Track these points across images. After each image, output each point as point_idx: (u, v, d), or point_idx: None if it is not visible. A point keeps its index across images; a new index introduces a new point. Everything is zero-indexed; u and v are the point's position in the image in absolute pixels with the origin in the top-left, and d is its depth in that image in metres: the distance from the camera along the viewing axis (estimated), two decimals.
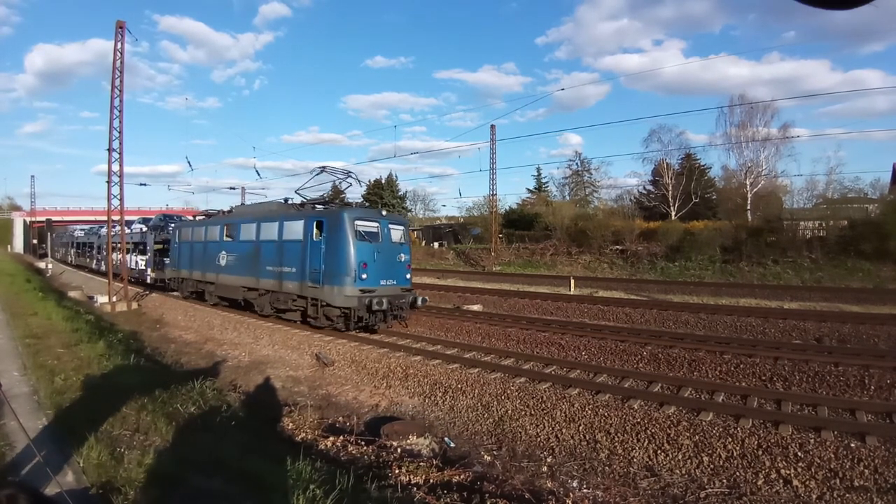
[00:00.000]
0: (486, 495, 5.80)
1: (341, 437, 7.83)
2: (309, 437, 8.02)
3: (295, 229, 15.78)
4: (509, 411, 9.21)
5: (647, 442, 7.81)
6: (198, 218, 24.76)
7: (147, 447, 5.60)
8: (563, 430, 8.45)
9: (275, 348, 14.48)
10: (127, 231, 28.41)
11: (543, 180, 63.89)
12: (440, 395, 10.24)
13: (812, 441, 7.56)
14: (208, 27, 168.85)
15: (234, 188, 43.75)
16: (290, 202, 18.46)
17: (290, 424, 8.60)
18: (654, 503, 6.40)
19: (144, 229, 30.62)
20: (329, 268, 14.38)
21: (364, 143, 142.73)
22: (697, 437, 7.74)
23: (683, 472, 7.12)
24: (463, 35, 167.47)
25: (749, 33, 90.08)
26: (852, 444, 7.38)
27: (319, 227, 14.98)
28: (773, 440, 7.62)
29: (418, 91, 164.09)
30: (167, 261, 25.31)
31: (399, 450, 7.57)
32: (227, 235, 19.34)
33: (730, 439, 7.68)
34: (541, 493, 6.30)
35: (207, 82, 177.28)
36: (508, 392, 9.80)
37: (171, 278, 24.35)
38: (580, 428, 8.41)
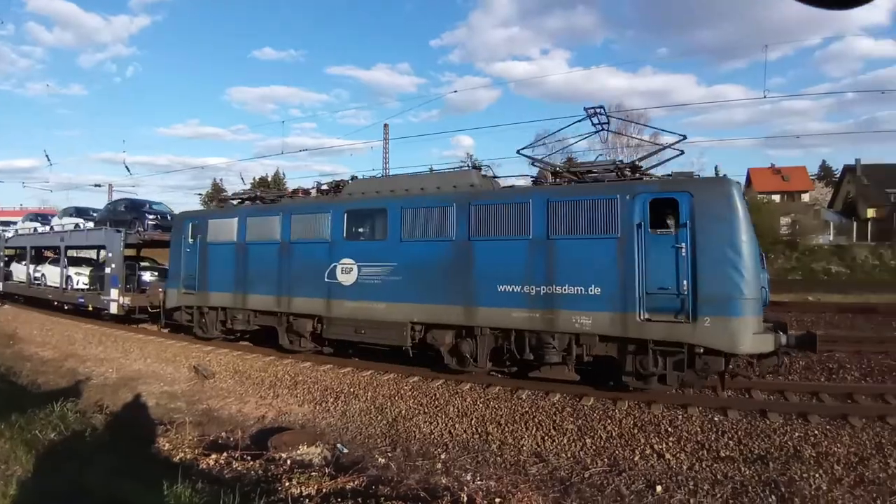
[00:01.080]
0: (382, 498, 5.71)
1: (225, 454, 7.35)
2: (188, 456, 7.45)
3: (604, 216, 8.87)
4: (403, 411, 9.17)
5: (535, 430, 8.12)
6: (211, 206, 18.44)
7: (9, 477, 4.95)
8: (457, 425, 8.55)
9: (147, 362, 13.36)
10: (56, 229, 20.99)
11: None
12: (332, 400, 9.97)
13: (680, 417, 8.23)
14: (78, 7, 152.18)
15: (99, 185, 39.09)
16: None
17: (167, 444, 7.96)
18: (544, 487, 6.63)
19: (91, 226, 19.82)
20: (709, 286, 8.08)
21: (249, 137, 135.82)
22: (581, 422, 8.17)
23: (569, 455, 7.46)
24: (358, 31, 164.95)
25: (627, 47, 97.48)
26: (716, 419, 8.12)
27: (672, 211, 8.56)
28: (646, 419, 8.21)
29: (309, 86, 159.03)
30: (154, 277, 18.03)
31: (289, 461, 7.24)
32: (359, 232, 11.56)
33: (609, 421, 8.18)
34: (436, 489, 6.31)
35: (73, 67, 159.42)
36: (402, 392, 9.76)
37: (182, 307, 14.35)
38: (472, 422, 8.55)
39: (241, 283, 12.83)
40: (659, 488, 6.38)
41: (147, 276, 18.15)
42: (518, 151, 11.17)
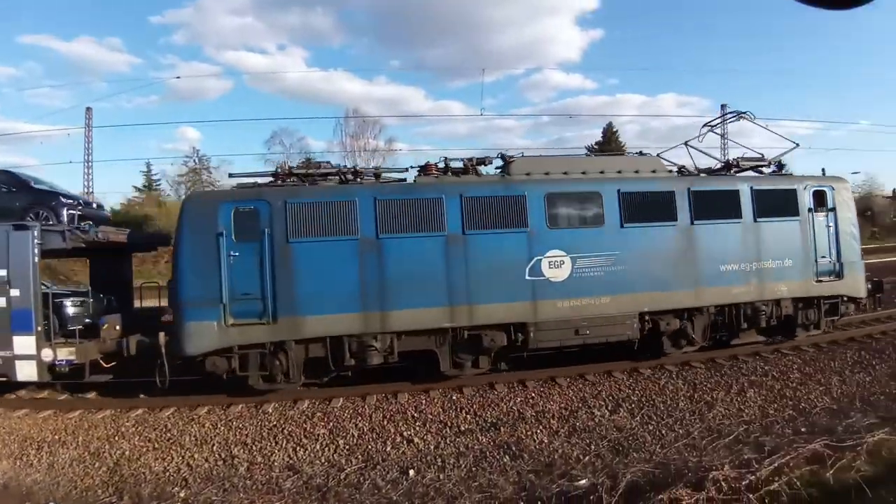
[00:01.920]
0: None
1: None
2: None
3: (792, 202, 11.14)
4: (127, 452, 7.84)
5: (285, 442, 7.76)
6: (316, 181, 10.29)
7: None
8: (196, 455, 7.66)
9: None
10: None
11: (155, 177, 57.04)
12: (34, 452, 8.03)
13: (424, 401, 8.77)
14: None
15: None
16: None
17: None
18: (301, 499, 6.37)
19: None
20: (846, 253, 11.44)
21: None
22: (332, 424, 8.11)
23: (323, 460, 7.31)
24: None
25: (363, 54, 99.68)
26: (454, 397, 8.83)
27: (824, 199, 11.48)
28: (394, 409, 8.55)
29: None
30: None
31: None
32: (566, 218, 9.84)
33: (360, 418, 8.29)
34: None
35: None
36: (123, 430, 8.36)
37: (249, 346, 8.86)
38: (214, 448, 7.77)
39: (374, 296, 9.06)
40: (412, 472, 6.67)
41: (70, 308, 10.32)
42: (687, 143, 12.41)
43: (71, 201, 11.05)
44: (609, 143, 48.88)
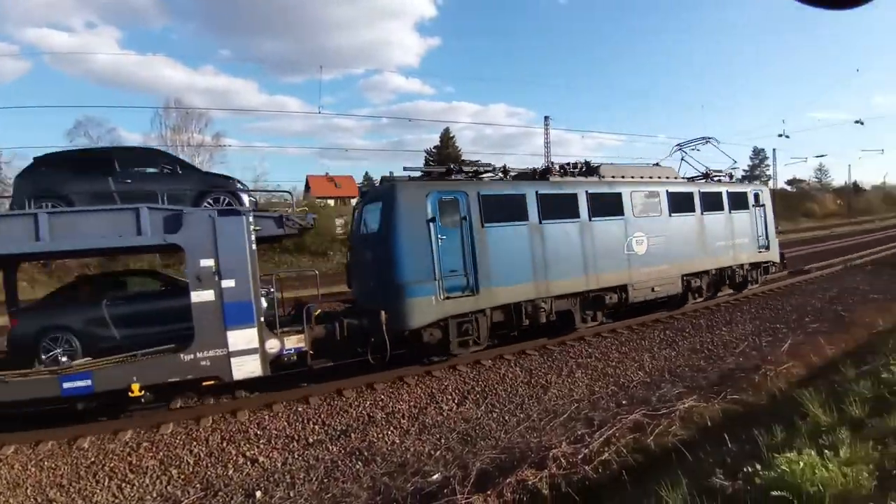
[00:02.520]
0: None
1: None
2: None
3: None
4: None
5: (108, 480, 6.79)
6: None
7: None
8: (12, 501, 6.43)
9: None
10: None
11: None
12: None
13: (267, 417, 8.28)
14: None
15: None
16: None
17: None
18: None
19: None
20: (769, 235, 17.09)
21: None
22: (162, 454, 7.29)
23: (155, 494, 6.51)
24: None
25: (188, 40, 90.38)
26: (300, 409, 8.46)
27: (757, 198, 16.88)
28: (234, 429, 7.96)
29: None
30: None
31: None
32: (644, 209, 13.47)
33: (195, 443, 7.58)
34: None
35: None
36: None
37: (455, 316, 10.14)
38: (29, 492, 6.58)
39: (541, 268, 11.32)
40: (258, 494, 6.23)
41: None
42: (683, 155, 17.55)
43: (244, 186, 10.67)
44: (446, 148, 50.58)
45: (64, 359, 8.73)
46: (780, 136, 33.12)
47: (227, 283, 8.14)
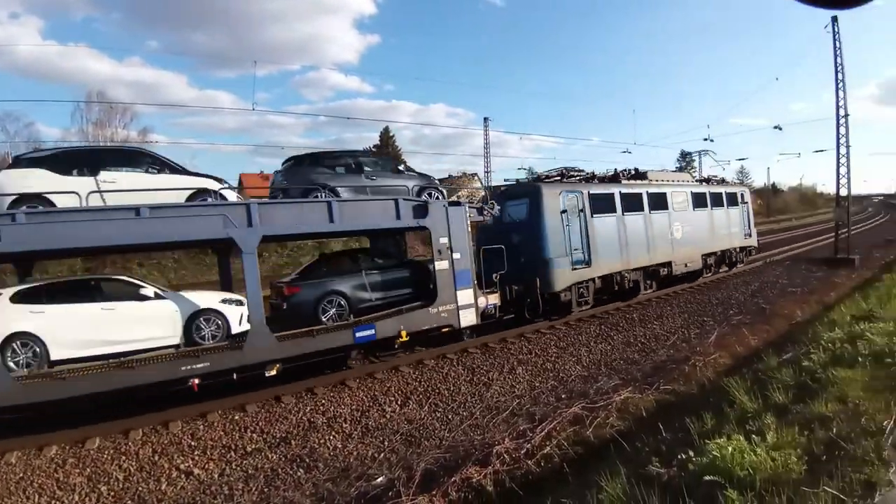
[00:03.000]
0: None
1: None
2: None
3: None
4: None
5: (36, 497, 6.35)
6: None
7: None
8: None
9: None
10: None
11: None
12: None
13: (202, 427, 7.96)
14: None
15: None
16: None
17: None
18: None
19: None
20: (750, 227, 22.43)
21: None
22: (90, 470, 6.89)
23: None
24: None
25: (113, 31, 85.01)
26: (237, 417, 8.18)
27: (743, 197, 22.13)
28: (166, 441, 7.60)
29: None
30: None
31: None
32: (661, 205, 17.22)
33: (124, 458, 7.21)
34: None
35: None
36: None
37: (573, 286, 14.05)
38: None
39: (625, 248, 15.19)
40: None
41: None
42: (691, 164, 22.80)
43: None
44: (386, 146, 50.09)
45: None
46: (706, 139, 34.34)
47: (457, 256, 10.94)
